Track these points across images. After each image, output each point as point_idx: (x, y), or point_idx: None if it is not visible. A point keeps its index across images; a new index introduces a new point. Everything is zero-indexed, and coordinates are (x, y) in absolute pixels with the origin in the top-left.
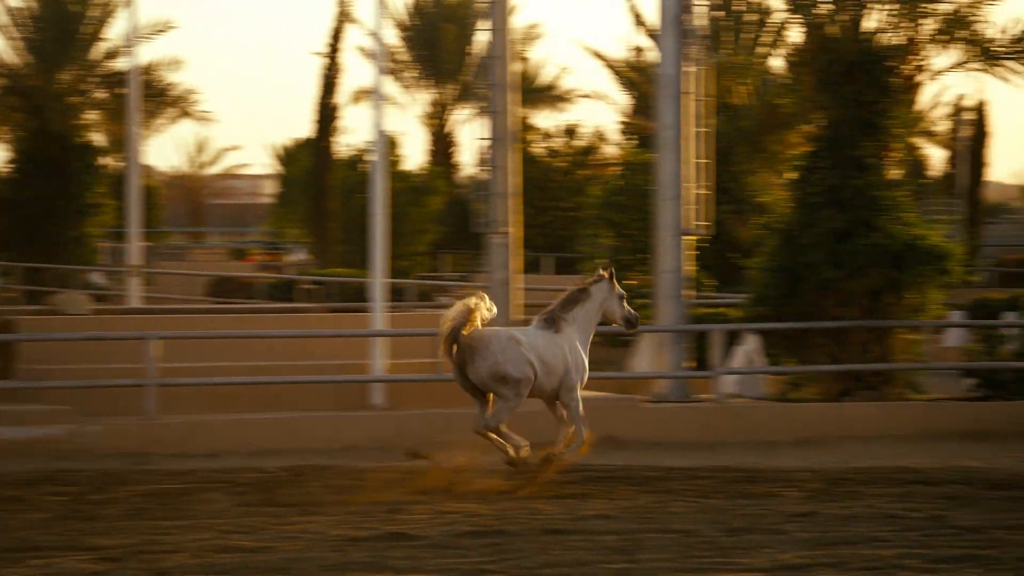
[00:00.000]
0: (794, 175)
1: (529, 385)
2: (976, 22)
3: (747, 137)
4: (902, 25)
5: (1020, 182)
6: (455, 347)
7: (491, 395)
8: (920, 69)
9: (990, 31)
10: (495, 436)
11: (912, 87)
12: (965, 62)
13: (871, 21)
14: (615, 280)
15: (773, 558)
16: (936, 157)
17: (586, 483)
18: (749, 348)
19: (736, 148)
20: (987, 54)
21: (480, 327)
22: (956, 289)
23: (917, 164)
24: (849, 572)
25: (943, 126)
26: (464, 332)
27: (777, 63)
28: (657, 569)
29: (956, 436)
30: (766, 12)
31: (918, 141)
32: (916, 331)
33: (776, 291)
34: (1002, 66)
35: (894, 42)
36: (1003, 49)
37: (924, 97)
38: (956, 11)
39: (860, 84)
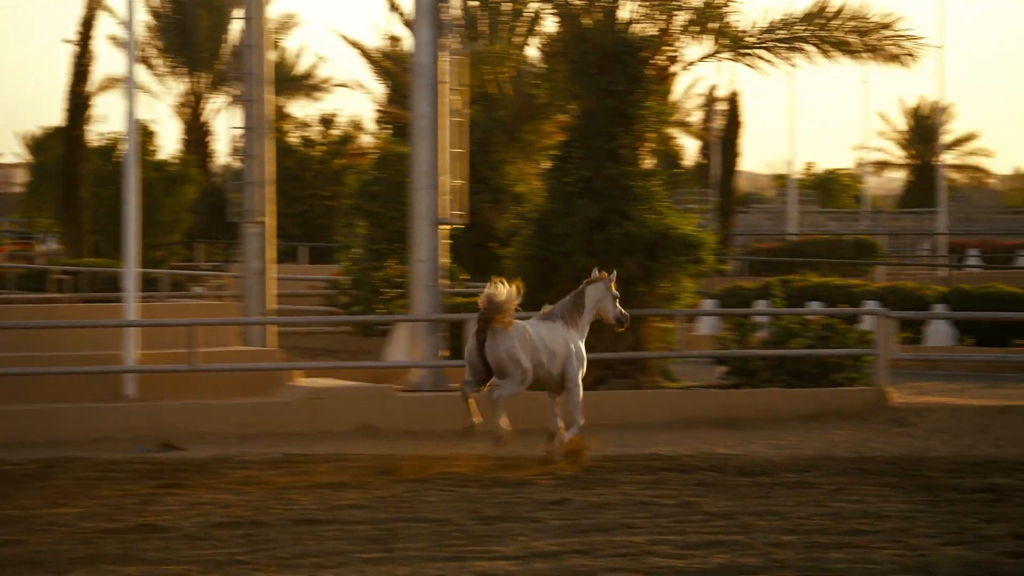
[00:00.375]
0: (549, 165)
1: (531, 374)
2: (727, 13)
3: (503, 127)
4: (655, 16)
5: (772, 172)
6: (484, 326)
7: (484, 380)
8: (673, 60)
9: (741, 22)
10: (472, 404)
11: (665, 78)
12: (717, 53)
13: (625, 12)
14: (613, 282)
15: (526, 546)
16: (689, 147)
17: (340, 473)
18: None
19: (492, 138)
20: (738, 45)
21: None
22: (708, 278)
23: (670, 154)
24: (601, 559)
25: (696, 116)
26: (501, 316)
27: (532, 53)
28: (411, 558)
29: (707, 423)
30: (521, 2)
31: (672, 131)
32: (669, 319)
33: (531, 280)
34: (753, 57)
35: (647, 33)
36: (754, 40)
37: (678, 88)
38: (708, 2)
39: (613, 74)
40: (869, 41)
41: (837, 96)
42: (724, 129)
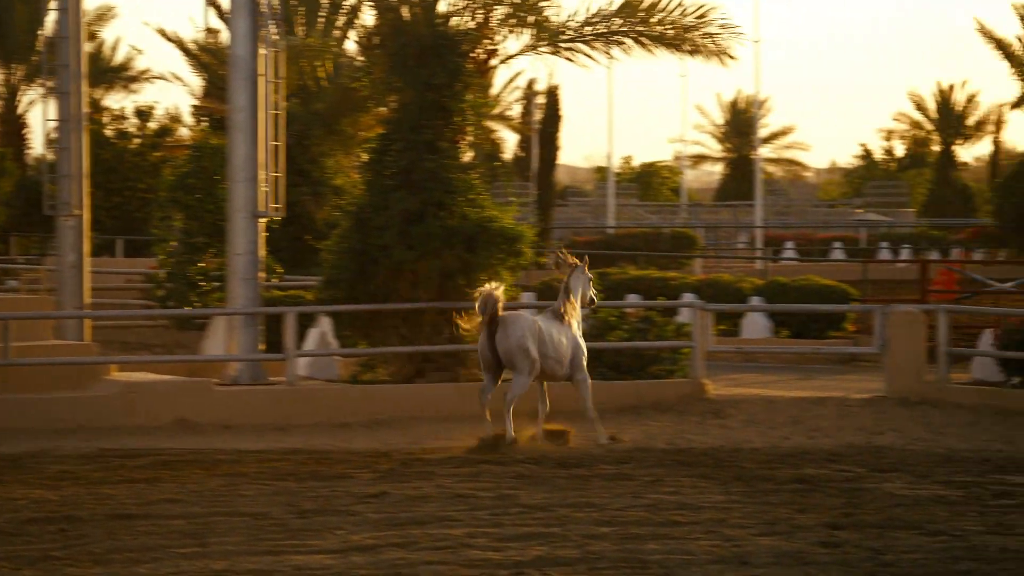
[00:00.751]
0: (368, 158)
1: (539, 366)
2: (546, 7)
3: (322, 120)
4: (473, 9)
5: (591, 165)
6: (492, 319)
7: (497, 375)
8: (492, 53)
9: (559, 16)
10: (490, 413)
11: (485, 71)
12: (535, 46)
13: (444, 5)
14: (586, 267)
15: (344, 539)
16: (509, 140)
17: (156, 467)
18: (323, 330)
19: (311, 131)
20: (557, 38)
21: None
22: (527, 271)
23: (490, 147)
24: (418, 552)
25: (516, 110)
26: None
27: (351, 46)
28: (227, 552)
29: (524, 415)
30: None
31: (491, 124)
32: None
33: (349, 273)
34: (572, 50)
35: (466, 26)
36: (572, 33)
37: (497, 81)
38: None
39: (432, 67)
40: (686, 35)
41: (656, 90)
42: (543, 122)
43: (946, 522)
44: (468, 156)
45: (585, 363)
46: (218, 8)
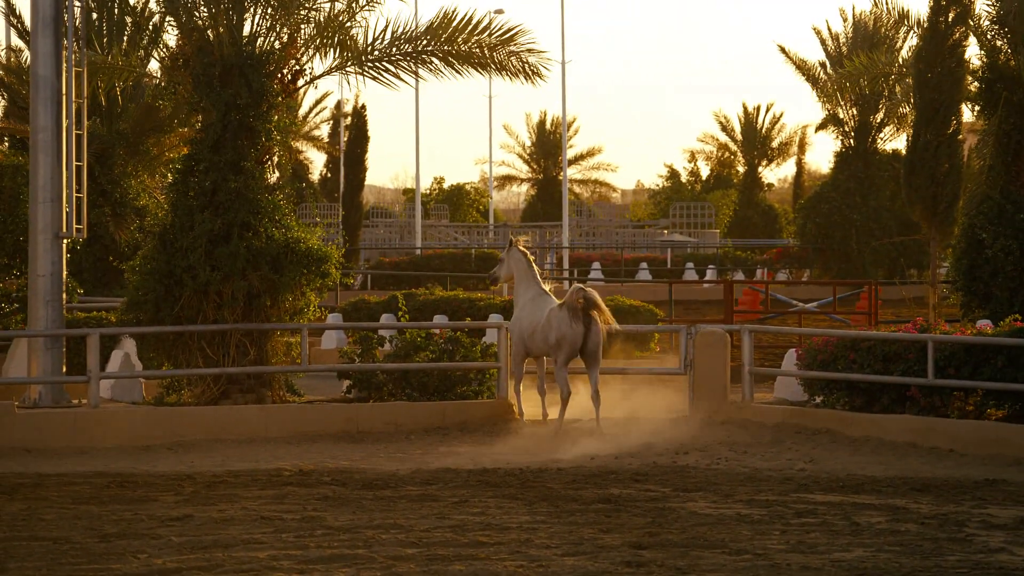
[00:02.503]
0: (173, 178)
1: None
2: (351, 27)
3: (125, 139)
4: (278, 30)
5: (398, 186)
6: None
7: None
8: (298, 74)
9: (366, 36)
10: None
11: (291, 91)
12: (342, 67)
13: (249, 25)
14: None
15: (147, 563)
16: (316, 161)
17: None
18: (126, 352)
19: (113, 150)
20: (363, 59)
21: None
22: (333, 291)
23: (297, 168)
24: (222, 575)
25: (323, 130)
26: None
27: (155, 65)
28: None
29: (331, 437)
30: (143, 15)
31: (298, 145)
32: (294, 333)
33: (154, 294)
34: (379, 70)
35: (271, 46)
36: (379, 54)
37: (304, 101)
38: (330, 17)
39: (237, 87)
40: (494, 55)
41: (464, 112)
42: (350, 143)
43: (749, 541)
44: (274, 177)
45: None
46: (20, 27)
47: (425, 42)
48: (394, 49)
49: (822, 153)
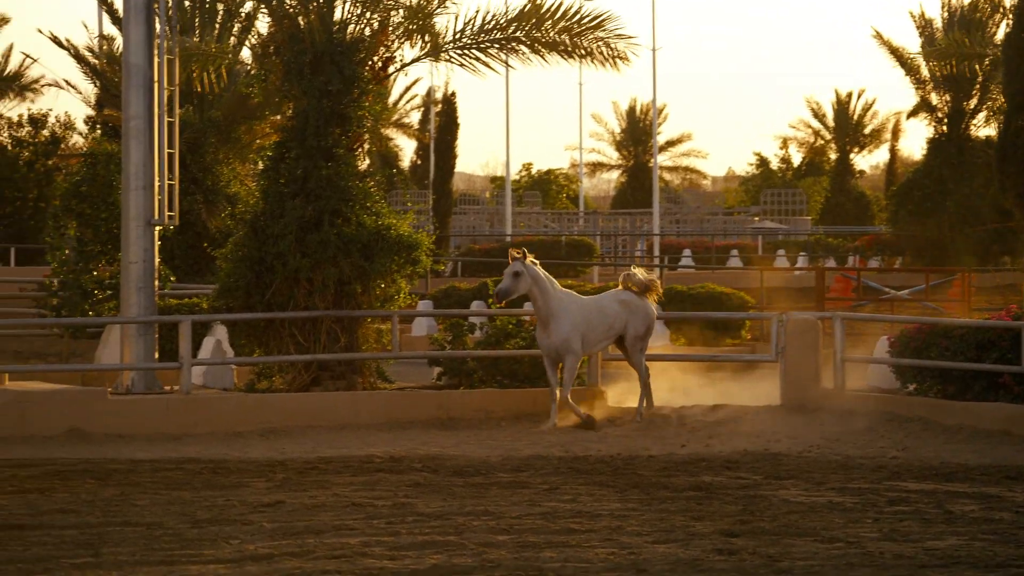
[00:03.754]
0: (264, 165)
1: None
2: (441, 14)
3: (216, 127)
4: (369, 17)
5: (487, 173)
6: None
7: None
8: (388, 61)
9: (455, 23)
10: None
11: (381, 78)
12: (431, 54)
13: (339, 12)
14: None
15: (239, 548)
16: (406, 148)
17: (49, 477)
18: (218, 339)
19: (205, 138)
20: (452, 46)
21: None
22: (424, 279)
23: (387, 155)
24: (314, 560)
25: (413, 117)
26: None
27: (247, 53)
28: (121, 563)
29: (422, 424)
30: (235, 1)
31: (388, 132)
32: (384, 320)
33: (245, 281)
34: (468, 57)
35: (362, 33)
36: (468, 41)
37: (394, 88)
38: (421, 3)
39: (328, 75)
40: (582, 42)
41: (554, 98)
42: (440, 130)
43: (841, 529)
44: (365, 164)
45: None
46: (112, 14)
47: (513, 29)
48: (483, 36)
49: (915, 140)
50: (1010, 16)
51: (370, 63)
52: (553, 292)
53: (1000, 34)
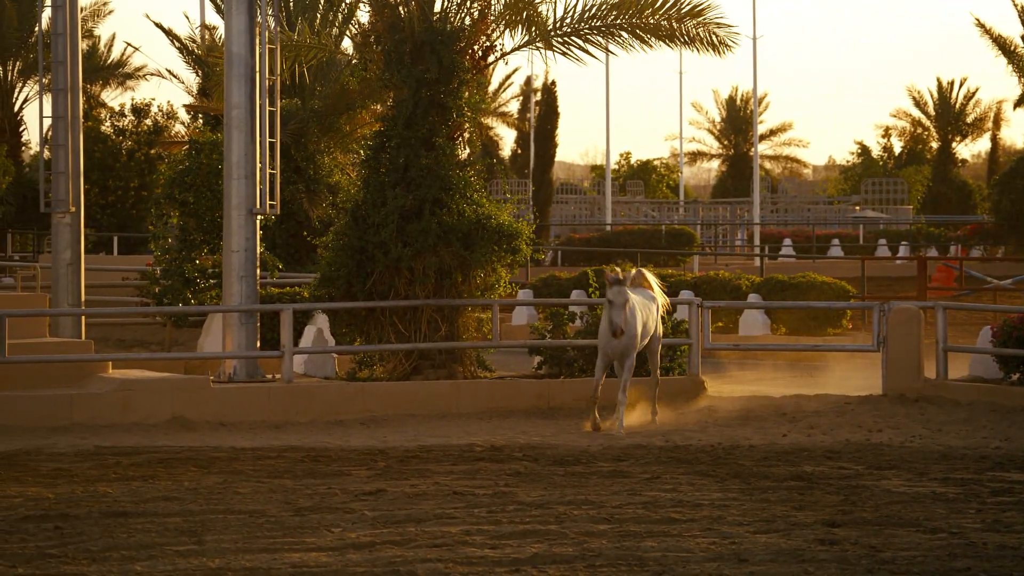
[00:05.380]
0: (364, 155)
1: None
2: (542, 2)
3: (318, 117)
4: (469, 5)
5: (587, 162)
6: None
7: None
8: (488, 50)
9: (556, 10)
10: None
11: (481, 67)
12: (532, 42)
13: (440, 1)
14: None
15: (341, 536)
16: (506, 137)
17: (152, 465)
18: (319, 327)
19: (307, 128)
20: (553, 34)
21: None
22: (524, 268)
23: (487, 144)
24: (415, 549)
25: (513, 106)
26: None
27: (347, 43)
28: (223, 550)
29: (523, 413)
30: None
31: (488, 121)
32: (484, 309)
33: (346, 270)
34: (568, 45)
35: (462, 22)
36: (568, 28)
37: (494, 77)
38: None
39: (428, 64)
40: (683, 28)
41: (653, 88)
42: (540, 119)
43: (944, 519)
44: (465, 153)
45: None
46: (215, 3)
47: (614, 16)
48: (583, 24)
49: (1018, 129)
50: None
51: (470, 52)
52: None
53: None
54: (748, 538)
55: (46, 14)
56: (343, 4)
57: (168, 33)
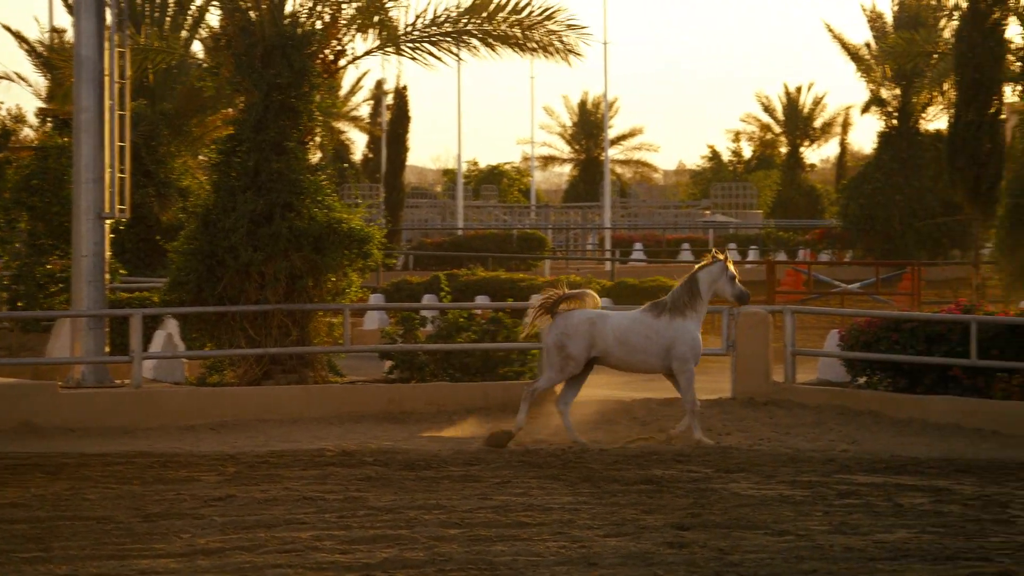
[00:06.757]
0: (215, 159)
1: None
2: (392, 7)
3: (168, 120)
4: (320, 10)
5: (439, 166)
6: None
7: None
8: (340, 54)
9: (407, 16)
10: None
11: (332, 71)
12: (383, 47)
13: (291, 5)
14: (728, 262)
15: (190, 542)
16: (358, 141)
17: None
18: (169, 332)
19: (157, 131)
20: (404, 39)
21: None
22: (375, 272)
23: (338, 148)
24: (265, 555)
25: (365, 111)
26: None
27: (199, 46)
28: (71, 557)
29: (374, 418)
30: None
31: (340, 125)
32: (336, 314)
33: (196, 275)
34: (419, 51)
35: (313, 26)
36: (420, 34)
37: (345, 82)
38: None
39: (279, 68)
40: (533, 35)
41: (505, 92)
42: (392, 123)
43: (791, 522)
44: (316, 157)
45: (691, 356)
46: (65, 6)
47: (465, 22)
48: (435, 29)
49: (865, 134)
50: (956, 11)
51: (321, 56)
52: None
53: (949, 27)
54: (598, 541)
55: None
56: (193, 7)
57: (17, 36)
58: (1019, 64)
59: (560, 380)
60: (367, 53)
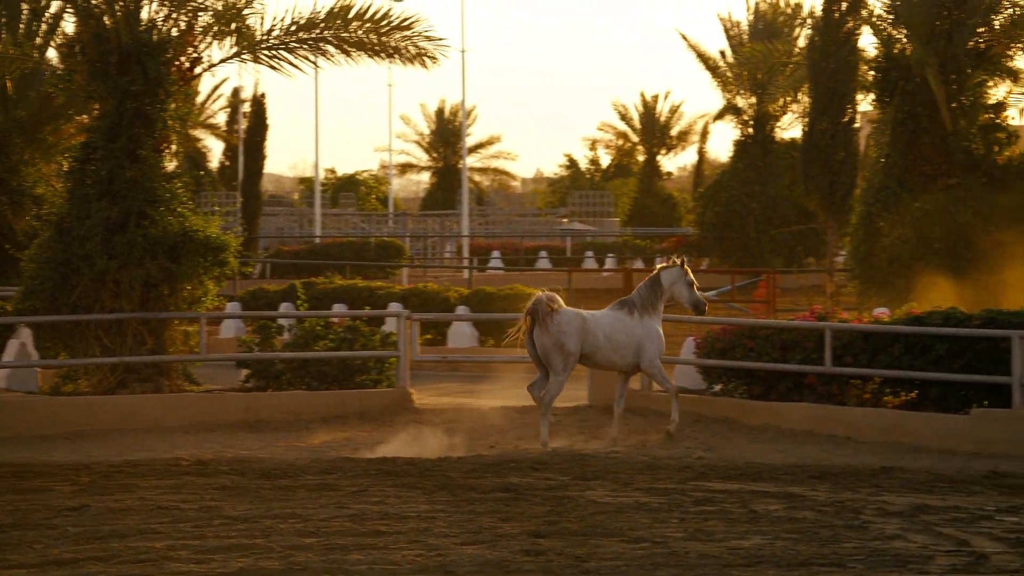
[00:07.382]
0: (69, 166)
1: (574, 360)
2: (248, 15)
3: (22, 127)
4: (176, 17)
5: (296, 174)
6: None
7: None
8: (196, 61)
9: (263, 23)
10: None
11: (189, 79)
12: (239, 54)
13: (146, 12)
14: (686, 268)
15: (43, 553)
16: (215, 149)
17: None
18: (22, 341)
19: (10, 139)
20: (260, 46)
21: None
22: (232, 280)
23: (194, 156)
24: (119, 565)
25: (222, 118)
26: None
27: (53, 53)
28: None
29: (230, 427)
30: (40, 1)
31: (196, 133)
32: (192, 322)
33: (50, 283)
34: (276, 58)
35: (169, 34)
36: (276, 41)
37: (202, 89)
38: (228, 4)
39: (133, 75)
40: (390, 42)
41: (363, 100)
42: (249, 131)
43: (648, 529)
44: (171, 165)
45: (657, 354)
46: None
47: (321, 29)
48: (292, 37)
49: (722, 142)
50: (810, 20)
51: (177, 63)
52: None
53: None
54: (455, 549)
55: None
56: (47, 13)
57: None
58: (872, 73)
59: (566, 379)
60: (224, 60)
